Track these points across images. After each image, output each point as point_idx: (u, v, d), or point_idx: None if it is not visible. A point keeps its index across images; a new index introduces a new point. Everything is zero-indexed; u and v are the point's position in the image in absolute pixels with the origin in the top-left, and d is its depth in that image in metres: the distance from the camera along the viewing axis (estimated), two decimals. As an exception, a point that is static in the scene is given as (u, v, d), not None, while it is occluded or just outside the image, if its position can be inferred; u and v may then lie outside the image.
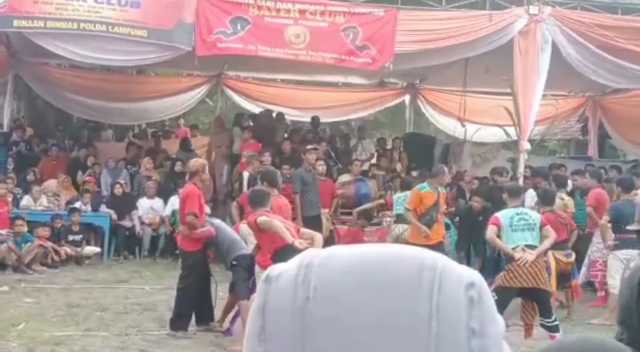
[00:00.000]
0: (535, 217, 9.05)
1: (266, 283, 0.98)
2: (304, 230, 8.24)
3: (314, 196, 13.48)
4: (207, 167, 9.38)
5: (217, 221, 9.49)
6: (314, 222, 11.97)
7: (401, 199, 12.63)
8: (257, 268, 7.97)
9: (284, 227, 7.48)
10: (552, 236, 9.04)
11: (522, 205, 10.00)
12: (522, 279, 8.68)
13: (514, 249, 8.77)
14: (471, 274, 0.97)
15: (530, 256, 8.66)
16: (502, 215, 9.03)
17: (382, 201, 14.73)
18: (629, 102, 17.49)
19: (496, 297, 8.64)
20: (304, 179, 13.48)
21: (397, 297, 0.94)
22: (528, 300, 8.86)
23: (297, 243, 7.14)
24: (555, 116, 17.09)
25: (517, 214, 8.98)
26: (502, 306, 8.64)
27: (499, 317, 0.98)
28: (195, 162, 9.51)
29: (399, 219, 12.56)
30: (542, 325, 8.75)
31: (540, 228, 8.89)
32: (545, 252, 9.32)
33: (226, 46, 13.23)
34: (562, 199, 11.80)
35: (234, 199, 15.25)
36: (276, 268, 0.99)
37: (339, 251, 0.99)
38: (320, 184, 13.82)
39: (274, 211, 8.30)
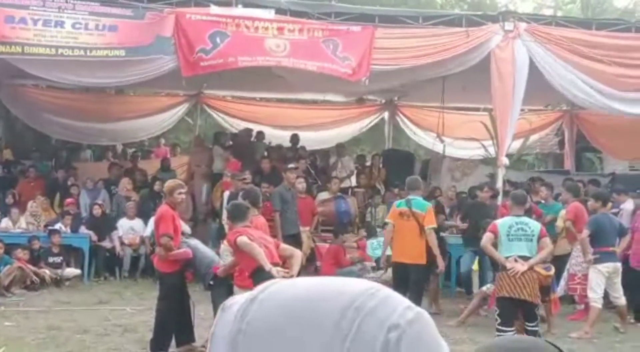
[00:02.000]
0: (535, 227, 9.07)
1: (220, 311, 1.08)
2: (284, 246, 8.20)
3: (293, 214, 13.46)
4: (182, 187, 9.29)
5: (194, 242, 9.41)
6: (293, 241, 11.94)
7: (374, 245, 12.68)
8: (235, 288, 7.91)
9: (263, 253, 7.41)
10: (549, 247, 9.11)
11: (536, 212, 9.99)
12: (510, 289, 8.73)
13: (507, 258, 8.83)
14: (401, 314, 1.00)
15: (521, 266, 8.72)
16: (501, 223, 9.10)
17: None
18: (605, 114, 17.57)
19: (499, 310, 8.80)
20: (284, 197, 13.46)
21: (317, 338, 0.99)
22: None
23: (274, 271, 7.09)
24: (530, 130, 17.21)
25: (517, 223, 9.00)
26: (504, 315, 8.71)
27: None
28: (169, 183, 9.46)
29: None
30: (525, 330, 8.81)
31: (539, 239, 8.94)
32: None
33: (208, 64, 13.20)
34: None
35: (215, 219, 15.22)
36: (233, 298, 1.09)
37: (287, 285, 1.07)
38: (300, 201, 13.81)
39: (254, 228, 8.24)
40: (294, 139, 18.33)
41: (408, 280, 10.45)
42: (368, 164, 18.44)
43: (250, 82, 15.20)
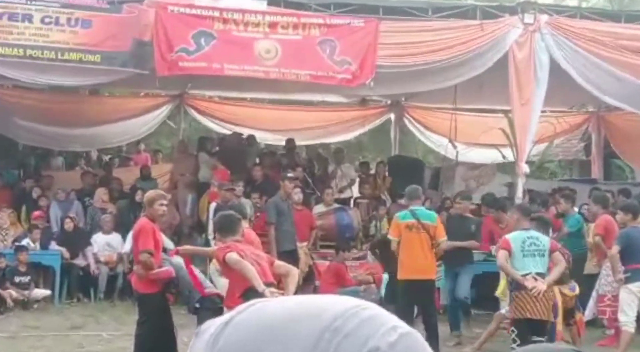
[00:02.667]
0: (545, 242, 9.22)
1: (194, 336, 1.12)
2: (278, 263, 8.17)
3: (289, 228, 13.44)
4: (164, 198, 9.29)
5: (177, 260, 9.39)
6: (290, 257, 11.93)
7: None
8: (225, 311, 7.89)
9: (255, 272, 7.39)
10: (562, 263, 9.26)
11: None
12: (532, 309, 8.83)
13: (524, 276, 8.95)
14: (384, 336, 1.02)
15: (542, 285, 8.88)
16: (513, 238, 9.21)
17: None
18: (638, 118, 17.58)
19: (517, 331, 8.87)
20: (280, 208, 13.42)
21: None
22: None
23: (268, 292, 7.06)
24: (554, 135, 17.22)
25: (528, 237, 9.15)
26: (523, 337, 8.86)
27: None
28: (149, 193, 9.47)
29: None
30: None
31: (550, 254, 9.10)
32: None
33: (189, 66, 13.24)
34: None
35: (201, 233, 15.21)
36: (208, 323, 1.12)
37: (264, 306, 1.10)
38: (296, 214, 13.79)
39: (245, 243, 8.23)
40: (289, 144, 18.34)
41: (421, 299, 10.52)
42: (372, 172, 18.44)
43: (240, 82, 15.20)
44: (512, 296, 9.19)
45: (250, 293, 7.21)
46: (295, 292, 7.78)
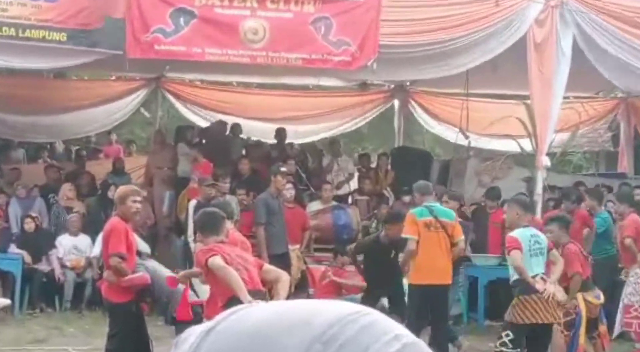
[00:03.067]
0: (544, 239, 9.54)
1: (173, 347, 1.13)
2: (268, 267, 8.17)
3: (281, 229, 13.39)
4: (137, 194, 9.25)
5: (153, 264, 9.38)
6: (281, 261, 11.89)
7: None
8: (205, 321, 7.84)
9: (240, 281, 7.35)
10: (560, 261, 9.59)
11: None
12: (542, 314, 9.11)
13: (532, 278, 9.22)
14: (385, 346, 1.02)
15: (551, 287, 9.16)
16: (521, 236, 9.39)
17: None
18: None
19: (512, 336, 9.08)
20: (270, 206, 13.34)
21: None
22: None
23: (254, 303, 7.03)
24: (578, 123, 17.20)
25: (532, 236, 9.46)
26: (516, 344, 9.21)
27: None
28: (121, 189, 9.44)
29: None
30: None
31: (547, 252, 9.46)
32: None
33: (165, 49, 13.19)
34: None
35: (179, 234, 15.18)
36: (188, 331, 1.14)
37: (250, 313, 1.11)
38: (287, 212, 13.76)
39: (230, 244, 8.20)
40: (280, 134, 18.32)
41: (435, 307, 10.56)
42: (373, 165, 18.42)
43: (225, 64, 15.15)
44: (519, 299, 9.31)
45: (234, 303, 7.16)
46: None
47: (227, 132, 18.09)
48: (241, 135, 18.37)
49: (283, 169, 14.28)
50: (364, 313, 1.07)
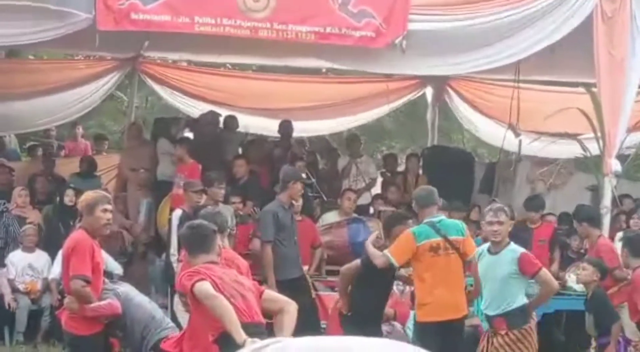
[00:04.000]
0: None
1: None
2: (270, 295, 8.03)
3: (292, 249, 13.21)
4: (108, 202, 9.20)
5: (125, 289, 9.32)
6: (294, 288, 11.79)
7: None
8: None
9: (234, 315, 7.22)
10: None
11: None
12: None
13: None
14: None
15: None
16: None
17: None
18: None
19: None
20: (281, 221, 13.17)
21: None
22: None
23: (250, 342, 6.85)
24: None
25: None
26: None
27: None
28: (87, 195, 9.35)
29: None
30: None
31: None
32: None
33: (145, 19, 13.12)
34: None
35: (159, 252, 15.14)
36: None
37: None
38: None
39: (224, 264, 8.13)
40: (285, 128, 18.28)
41: (448, 345, 10.41)
42: (401, 168, 18.36)
43: (218, 40, 15.12)
44: None
45: (226, 339, 7.09)
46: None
47: (220, 126, 18.05)
48: (237, 130, 18.32)
49: (304, 175, 14.20)
50: None
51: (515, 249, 9.87)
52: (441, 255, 10.50)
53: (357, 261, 11.34)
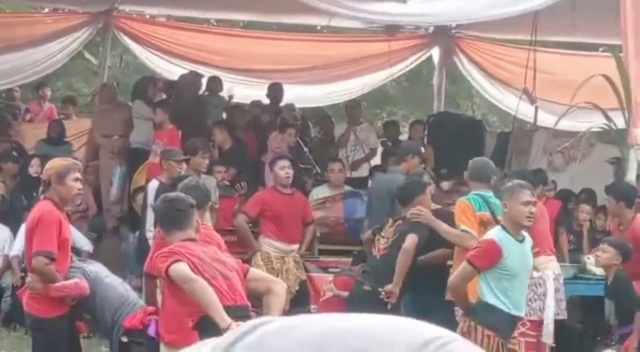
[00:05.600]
0: None
1: None
2: (255, 273, 8.10)
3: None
4: (78, 170, 9.20)
5: (94, 268, 9.34)
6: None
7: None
8: (162, 347, 7.81)
9: (215, 298, 7.21)
10: None
11: None
12: None
13: None
14: None
15: None
16: None
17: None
18: None
19: None
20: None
21: None
22: None
23: (234, 326, 6.85)
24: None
25: None
26: None
27: None
28: (55, 163, 9.33)
29: None
30: None
31: None
32: None
33: None
34: None
35: (133, 228, 15.14)
36: None
37: (282, 330, 1.11)
38: (283, 201, 13.73)
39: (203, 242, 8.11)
40: (274, 92, 18.26)
41: None
42: (403, 137, 18.33)
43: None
44: None
45: (207, 324, 7.08)
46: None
47: (203, 89, 18.04)
48: (221, 94, 18.30)
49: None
50: (448, 339, 1.04)
51: (525, 234, 9.64)
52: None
53: (414, 237, 11.23)
